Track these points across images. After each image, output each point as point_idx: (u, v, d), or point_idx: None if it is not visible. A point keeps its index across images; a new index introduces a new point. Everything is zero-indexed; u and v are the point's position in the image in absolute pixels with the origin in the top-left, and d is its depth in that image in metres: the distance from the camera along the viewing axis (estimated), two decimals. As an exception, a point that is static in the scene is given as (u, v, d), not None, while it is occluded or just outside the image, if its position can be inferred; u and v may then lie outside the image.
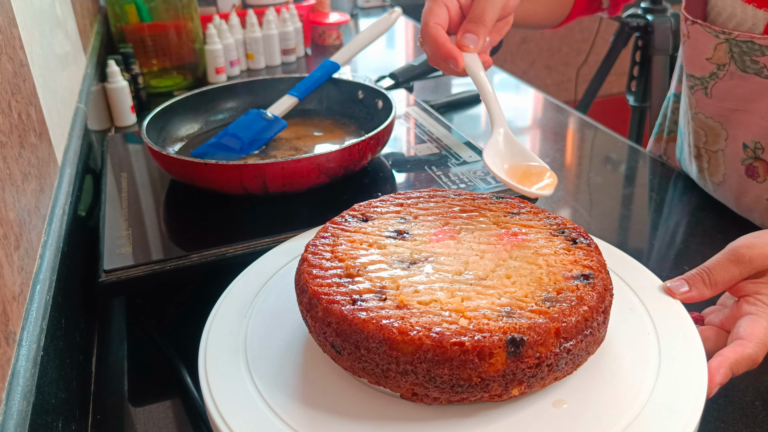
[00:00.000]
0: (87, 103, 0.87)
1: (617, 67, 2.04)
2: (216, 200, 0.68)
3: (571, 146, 1.01)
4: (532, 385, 0.40)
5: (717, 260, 0.50)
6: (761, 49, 0.63)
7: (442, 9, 0.59)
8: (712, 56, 0.68)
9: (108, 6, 1.16)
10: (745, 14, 0.64)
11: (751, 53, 0.64)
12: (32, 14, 0.67)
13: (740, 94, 0.67)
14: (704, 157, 0.75)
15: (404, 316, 0.40)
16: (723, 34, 0.66)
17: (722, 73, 0.68)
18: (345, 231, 0.50)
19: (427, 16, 0.59)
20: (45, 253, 0.51)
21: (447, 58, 0.58)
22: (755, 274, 0.49)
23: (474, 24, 0.59)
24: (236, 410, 0.41)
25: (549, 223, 0.51)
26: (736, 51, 0.65)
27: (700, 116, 0.73)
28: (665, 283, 0.51)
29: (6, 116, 0.48)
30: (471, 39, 0.58)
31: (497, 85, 1.28)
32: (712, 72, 0.69)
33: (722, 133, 0.71)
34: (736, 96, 0.68)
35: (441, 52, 0.58)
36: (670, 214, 0.80)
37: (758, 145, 0.68)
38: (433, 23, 0.58)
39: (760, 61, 0.64)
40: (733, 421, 0.49)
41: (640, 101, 1.93)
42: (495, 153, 0.56)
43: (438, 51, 0.58)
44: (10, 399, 0.37)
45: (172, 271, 0.58)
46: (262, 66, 1.32)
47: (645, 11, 1.84)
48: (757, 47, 0.63)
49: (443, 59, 0.58)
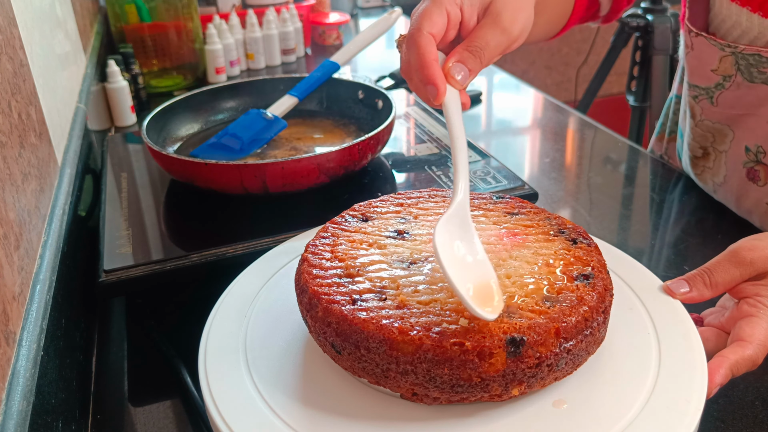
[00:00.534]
0: (87, 103, 0.87)
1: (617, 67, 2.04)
2: (216, 200, 0.68)
3: (571, 146, 1.01)
4: (532, 385, 0.40)
5: (718, 261, 0.49)
6: None
7: (442, 15, 0.47)
8: (717, 68, 0.68)
9: (108, 6, 1.16)
10: (750, 23, 0.63)
11: (759, 65, 0.64)
12: (32, 14, 0.67)
13: (747, 101, 0.67)
14: (711, 156, 0.75)
15: (404, 316, 0.40)
16: (729, 48, 0.65)
17: (728, 84, 0.67)
18: (345, 231, 0.50)
19: (423, 20, 0.47)
20: (45, 253, 0.51)
21: (428, 83, 0.46)
22: (756, 276, 0.49)
23: (471, 56, 0.47)
24: (236, 410, 0.41)
25: (549, 223, 0.51)
26: (742, 63, 0.65)
27: (706, 123, 0.73)
28: (665, 283, 0.51)
29: (6, 116, 0.48)
30: (461, 72, 0.47)
31: (497, 85, 1.28)
32: (717, 83, 0.69)
33: (729, 134, 0.71)
34: (743, 103, 0.68)
35: (424, 72, 0.46)
36: (670, 215, 0.80)
37: (761, 149, 0.68)
38: (426, 32, 0.46)
39: (766, 72, 0.64)
40: (733, 421, 0.49)
41: (640, 101, 1.93)
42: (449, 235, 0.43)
43: (421, 70, 0.46)
44: (10, 399, 0.37)
45: (172, 271, 0.58)
46: (262, 66, 1.32)
47: (645, 11, 1.84)
48: (764, 59, 0.63)
49: (423, 82, 0.46)
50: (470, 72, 0.47)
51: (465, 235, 0.44)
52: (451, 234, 0.43)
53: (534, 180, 0.88)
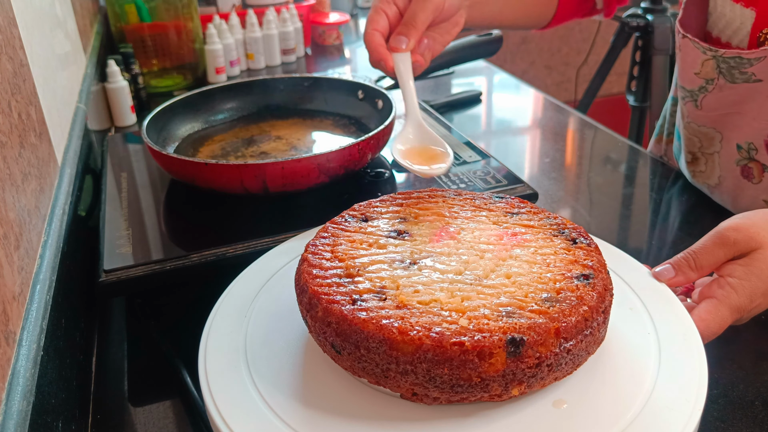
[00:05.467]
0: (87, 103, 0.87)
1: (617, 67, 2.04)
2: (216, 200, 0.68)
3: (571, 146, 1.01)
4: (532, 385, 0.40)
5: (703, 243, 0.51)
6: (749, 61, 0.63)
7: (381, 16, 0.65)
8: (699, 71, 0.68)
9: (108, 6, 1.16)
10: (733, 13, 0.64)
11: (740, 67, 0.64)
12: (32, 14, 0.67)
13: (730, 100, 0.68)
14: (701, 160, 0.75)
15: (404, 316, 0.40)
16: (710, 51, 0.66)
17: (711, 87, 0.68)
18: (345, 231, 0.50)
19: (367, 24, 0.65)
20: (45, 253, 0.51)
21: (378, 60, 0.64)
22: (739, 255, 0.49)
23: (405, 26, 0.64)
24: (236, 410, 0.41)
25: (549, 223, 0.51)
26: (723, 66, 0.65)
27: (692, 125, 0.74)
28: (653, 269, 0.51)
29: (6, 116, 0.48)
30: (401, 40, 0.64)
31: (497, 85, 1.29)
32: (701, 86, 0.69)
33: (716, 136, 0.72)
34: (726, 102, 0.68)
35: (374, 55, 0.64)
36: (670, 214, 0.80)
37: (752, 146, 0.68)
38: (371, 29, 0.64)
39: (748, 71, 0.64)
40: (733, 421, 0.49)
41: (640, 101, 1.93)
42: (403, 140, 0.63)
43: (372, 54, 0.64)
44: (10, 399, 0.37)
45: (172, 271, 0.58)
46: (262, 66, 1.32)
47: (645, 11, 1.84)
48: (745, 61, 0.63)
49: (376, 61, 0.64)
50: (408, 37, 0.64)
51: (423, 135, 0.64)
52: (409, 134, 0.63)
53: (534, 180, 0.88)
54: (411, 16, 0.64)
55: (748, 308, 0.48)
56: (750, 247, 0.49)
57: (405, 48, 0.64)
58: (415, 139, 0.63)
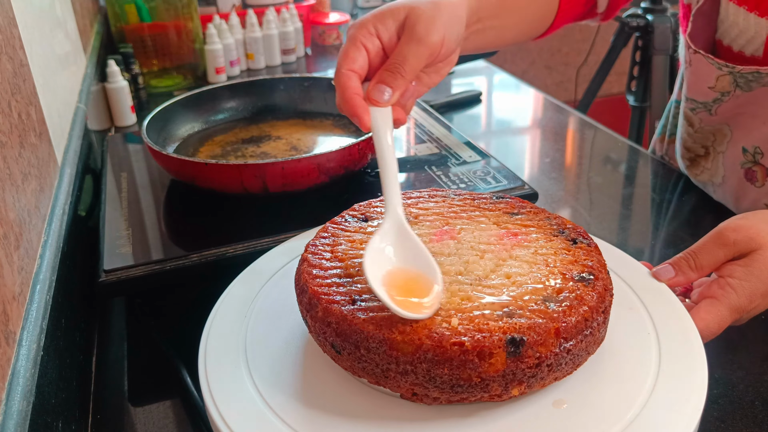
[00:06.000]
0: (87, 103, 0.87)
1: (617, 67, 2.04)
2: (216, 200, 0.68)
3: (571, 146, 1.01)
4: (532, 385, 0.40)
5: (703, 243, 0.51)
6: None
7: (360, 52, 0.50)
8: (714, 85, 0.68)
9: (108, 6, 1.16)
10: (747, 23, 0.63)
11: (758, 80, 0.64)
12: (32, 14, 0.67)
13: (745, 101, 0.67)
14: (710, 156, 0.75)
15: (404, 316, 0.40)
16: (726, 67, 0.65)
17: (727, 98, 0.68)
18: (345, 231, 0.50)
19: (341, 61, 0.50)
20: (45, 253, 0.51)
21: (351, 115, 0.50)
22: (739, 256, 0.50)
23: (390, 74, 0.50)
24: (236, 410, 0.41)
25: (549, 223, 0.51)
26: (741, 81, 0.65)
27: (706, 129, 0.73)
28: (653, 269, 0.51)
29: (6, 116, 0.48)
30: (382, 91, 0.50)
31: (497, 85, 1.28)
32: (715, 98, 0.69)
33: (728, 134, 0.71)
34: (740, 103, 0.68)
35: (346, 107, 0.50)
36: (670, 214, 0.80)
37: (758, 150, 0.68)
38: (345, 69, 0.50)
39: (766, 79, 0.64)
40: (733, 421, 0.49)
41: (640, 101, 1.93)
42: (378, 257, 0.44)
43: (343, 104, 0.50)
44: (10, 399, 0.37)
45: (172, 271, 0.58)
46: (262, 66, 1.32)
47: (645, 11, 1.84)
48: (764, 74, 0.63)
49: (350, 114, 0.50)
50: (393, 89, 0.50)
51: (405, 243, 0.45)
52: (384, 248, 0.45)
53: (534, 180, 0.88)
54: (399, 61, 0.50)
55: (748, 309, 0.48)
56: (750, 248, 0.49)
57: (386, 102, 0.50)
58: (397, 257, 0.45)
